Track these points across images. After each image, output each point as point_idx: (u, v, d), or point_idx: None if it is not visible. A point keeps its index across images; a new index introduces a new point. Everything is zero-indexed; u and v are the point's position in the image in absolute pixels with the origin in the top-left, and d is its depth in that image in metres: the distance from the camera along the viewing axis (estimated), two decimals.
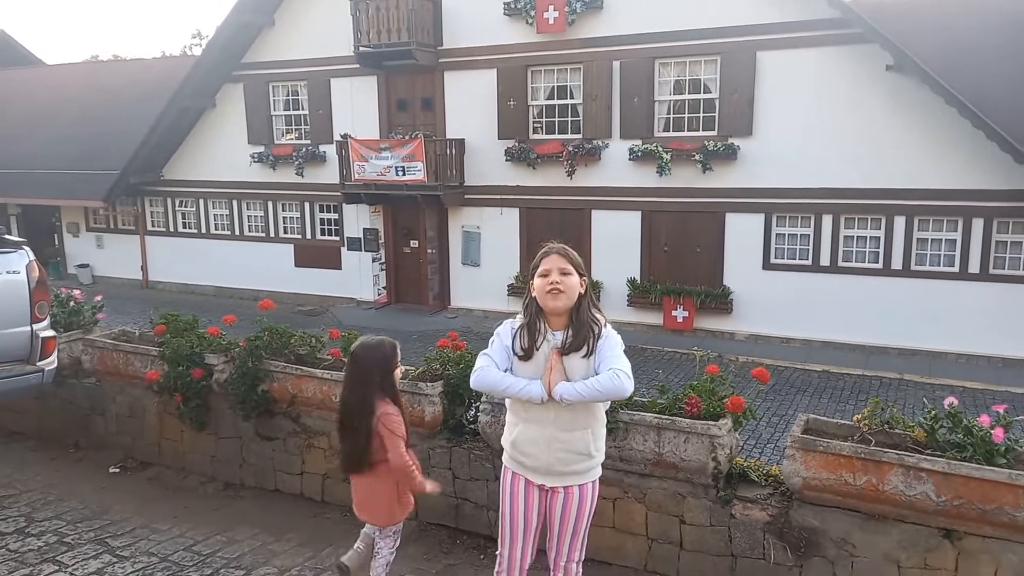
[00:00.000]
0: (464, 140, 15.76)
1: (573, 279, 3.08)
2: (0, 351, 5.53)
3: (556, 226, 15.00)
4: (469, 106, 15.58)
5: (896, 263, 12.93)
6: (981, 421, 3.73)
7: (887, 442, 3.92)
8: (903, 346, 12.94)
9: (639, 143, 14.16)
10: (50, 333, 5.88)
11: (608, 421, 4.23)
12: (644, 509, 4.40)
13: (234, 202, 18.66)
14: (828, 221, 13.27)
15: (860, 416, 4.06)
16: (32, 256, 5.80)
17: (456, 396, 5.01)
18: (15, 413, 7.01)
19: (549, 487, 3.22)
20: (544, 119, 15.30)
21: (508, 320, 3.23)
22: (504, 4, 14.78)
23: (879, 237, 13.03)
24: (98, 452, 6.46)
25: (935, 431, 3.86)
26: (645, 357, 12.84)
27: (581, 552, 3.33)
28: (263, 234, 18.46)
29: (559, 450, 3.14)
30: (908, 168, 12.55)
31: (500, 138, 15.37)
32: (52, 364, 5.88)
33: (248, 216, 18.65)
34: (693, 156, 13.69)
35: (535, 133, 15.30)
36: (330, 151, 16.79)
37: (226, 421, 5.80)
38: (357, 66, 16.00)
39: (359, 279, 17.29)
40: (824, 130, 12.95)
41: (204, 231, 19.22)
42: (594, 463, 3.24)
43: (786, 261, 13.71)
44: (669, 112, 14.24)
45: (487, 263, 15.98)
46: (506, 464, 3.32)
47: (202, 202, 19.09)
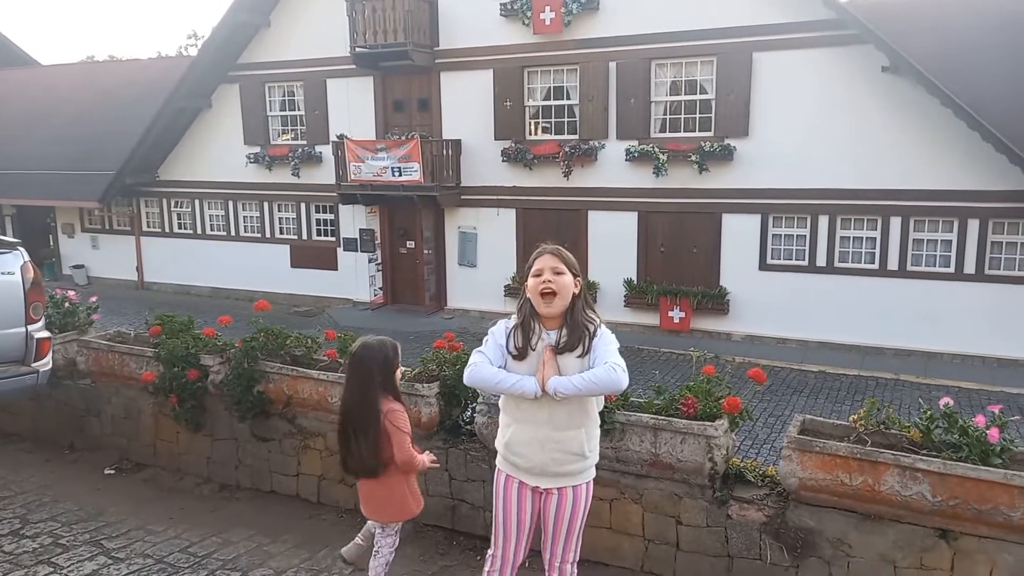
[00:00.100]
0: (460, 141, 15.76)
1: (566, 279, 3.08)
2: None
3: (552, 227, 15.00)
4: (465, 107, 15.58)
5: (892, 264, 12.96)
6: (977, 421, 3.74)
7: (883, 442, 3.93)
8: (899, 346, 12.97)
9: (635, 144, 14.17)
10: (45, 334, 5.87)
11: (605, 422, 4.25)
12: (641, 510, 4.40)
13: (230, 203, 18.63)
14: (824, 222, 13.30)
15: (856, 416, 4.06)
16: (27, 257, 5.78)
17: (453, 397, 5.00)
18: (10, 414, 6.99)
19: (543, 489, 3.21)
20: (540, 120, 15.31)
21: (503, 320, 3.23)
22: (500, 5, 14.78)
23: (875, 238, 13.06)
24: (93, 453, 6.44)
25: (931, 431, 3.86)
26: (642, 358, 12.85)
27: (575, 553, 3.33)
28: (259, 235, 18.44)
29: (553, 450, 3.13)
30: (904, 169, 12.58)
31: (496, 139, 15.37)
32: (47, 365, 5.86)
33: (244, 217, 18.62)
34: (689, 157, 13.71)
35: (531, 134, 15.31)
36: (326, 152, 16.78)
37: (222, 422, 5.79)
38: (353, 67, 15.98)
39: (355, 280, 17.27)
40: (820, 131, 12.97)
41: (200, 232, 19.18)
42: (588, 464, 3.23)
43: (782, 262, 13.73)
44: (665, 113, 14.26)
45: (483, 264, 15.98)
46: (499, 466, 3.31)
47: (198, 203, 19.05)
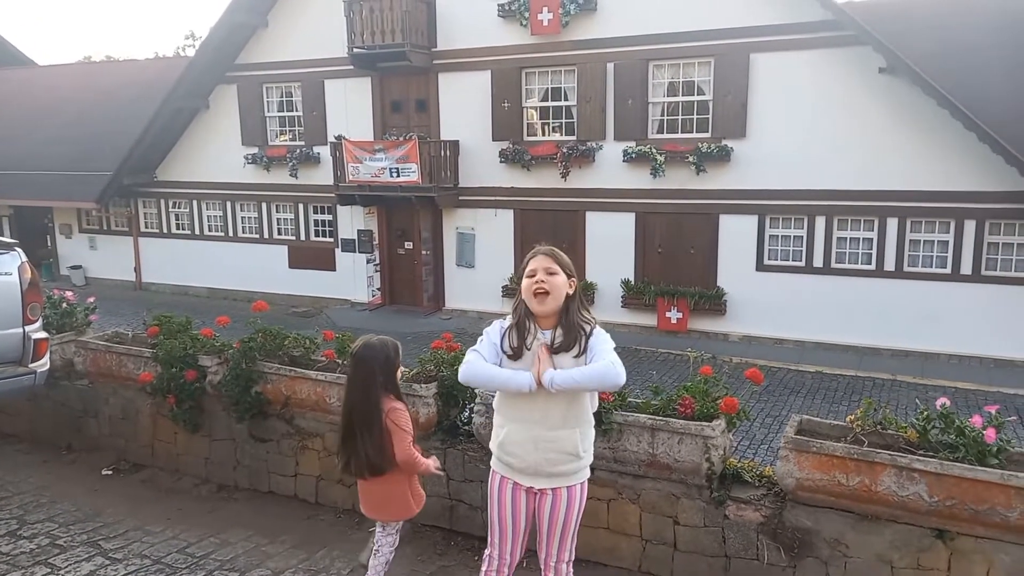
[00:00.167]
0: (458, 142, 15.76)
1: (559, 279, 3.08)
2: None
3: (550, 227, 15.01)
4: (463, 108, 15.58)
5: (889, 264, 12.98)
6: (973, 422, 3.74)
7: (880, 443, 3.93)
8: (896, 347, 12.99)
9: (633, 145, 14.19)
10: (42, 335, 5.86)
11: (602, 422, 4.27)
12: (638, 510, 4.40)
13: (228, 203, 18.62)
14: (821, 222, 13.32)
15: (853, 417, 4.07)
16: (24, 258, 5.78)
17: (450, 397, 5.01)
18: (7, 415, 6.98)
19: (537, 489, 3.22)
20: (538, 121, 15.32)
21: (498, 320, 3.23)
22: (498, 6, 14.79)
23: (872, 239, 13.08)
24: (91, 454, 6.43)
25: (927, 432, 3.87)
26: (639, 358, 12.86)
27: (571, 553, 3.34)
28: (257, 235, 18.43)
29: (547, 450, 3.13)
30: (901, 170, 12.60)
31: (494, 140, 15.38)
32: (44, 366, 5.86)
33: (242, 217, 18.61)
34: (687, 158, 13.72)
35: (529, 135, 15.32)
36: (324, 152, 16.77)
37: (220, 423, 5.78)
38: (351, 67, 15.99)
39: (353, 280, 17.27)
40: (817, 132, 12.99)
41: (198, 232, 19.17)
42: (582, 464, 3.23)
43: (779, 262, 13.75)
44: (663, 114, 14.28)
45: (481, 264, 15.99)
46: (494, 468, 3.32)
47: (196, 203, 19.04)
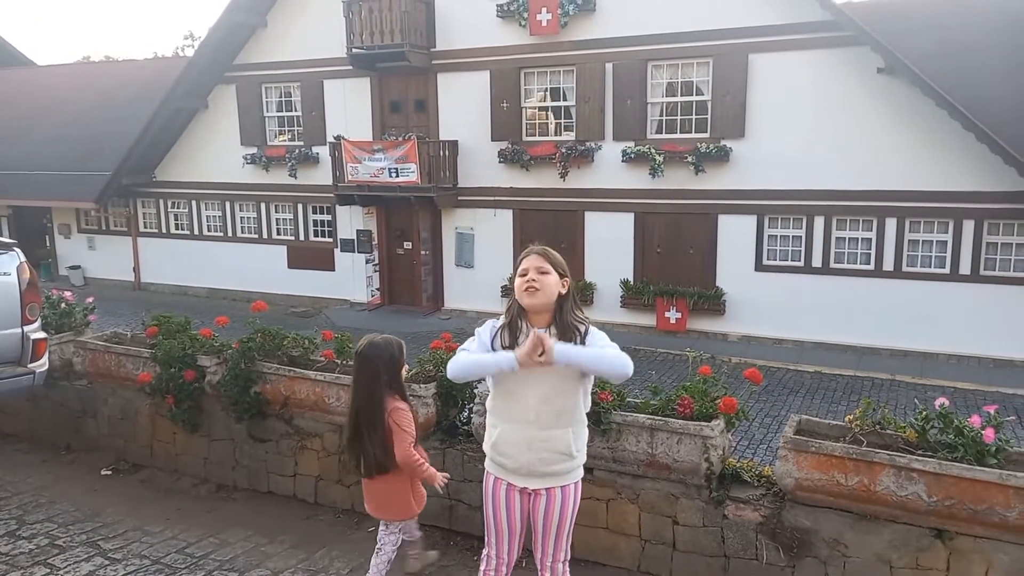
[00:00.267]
0: (457, 142, 15.77)
1: (551, 278, 3.07)
2: None
3: (549, 228, 15.02)
4: (462, 108, 15.59)
5: (888, 264, 12.99)
6: (972, 422, 3.74)
7: (879, 443, 3.94)
8: (895, 347, 13.00)
9: (632, 145, 14.19)
10: (41, 335, 5.86)
11: (601, 422, 4.28)
12: (637, 510, 4.41)
13: (227, 203, 18.61)
14: (820, 223, 13.33)
15: (852, 417, 4.07)
16: (23, 258, 5.78)
17: (449, 397, 5.01)
18: (6, 415, 6.97)
19: (531, 490, 3.22)
20: (537, 121, 15.32)
21: (490, 320, 3.23)
22: (497, 6, 14.79)
23: (871, 239, 13.09)
24: (90, 454, 6.42)
25: (926, 432, 3.87)
26: (638, 358, 12.74)
27: (567, 552, 3.35)
28: (256, 235, 18.42)
29: (540, 450, 3.13)
30: (900, 170, 12.61)
31: (493, 140, 15.38)
32: (43, 366, 5.86)
33: (241, 217, 18.60)
34: (686, 158, 13.73)
35: (528, 135, 15.32)
36: (323, 152, 16.77)
37: (219, 423, 5.78)
38: (350, 67, 15.99)
39: (352, 280, 17.27)
40: (816, 132, 13.00)
41: (197, 232, 19.17)
42: (575, 464, 3.23)
43: (778, 262, 13.76)
44: (662, 114, 14.28)
45: (481, 264, 15.99)
46: (488, 469, 3.32)
47: (195, 203, 19.04)
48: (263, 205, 18.16)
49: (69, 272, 20.63)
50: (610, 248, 14.75)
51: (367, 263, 17.10)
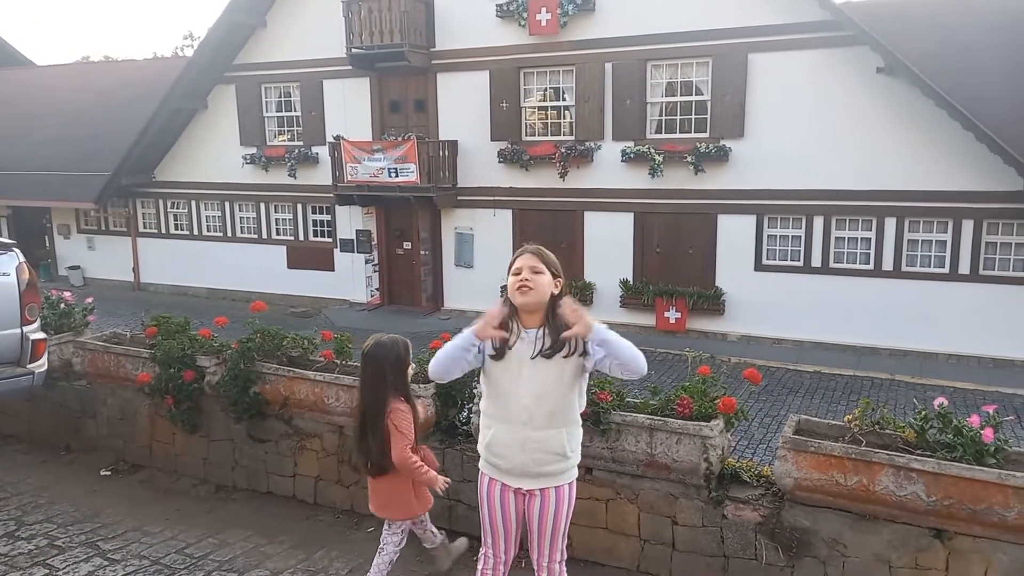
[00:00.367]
0: (457, 142, 15.77)
1: (544, 277, 3.07)
2: None
3: (549, 228, 15.02)
4: (462, 108, 15.59)
5: (887, 264, 13.00)
6: (971, 421, 3.74)
7: (878, 443, 3.94)
8: (894, 347, 13.01)
9: (631, 145, 14.20)
10: (40, 335, 5.86)
11: (601, 422, 4.28)
12: (636, 510, 4.41)
13: (226, 203, 18.61)
14: (819, 222, 13.33)
15: (851, 417, 4.07)
16: (22, 258, 5.78)
17: (449, 398, 5.01)
18: (5, 416, 6.97)
19: (526, 490, 3.22)
20: (537, 121, 15.32)
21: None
22: (497, 6, 14.80)
23: (870, 238, 13.10)
24: (89, 455, 6.42)
25: (925, 431, 3.87)
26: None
27: (562, 553, 3.35)
28: (255, 236, 18.42)
29: (534, 450, 3.13)
30: (899, 169, 12.61)
31: (493, 140, 15.38)
32: (42, 367, 5.85)
33: (240, 218, 18.60)
34: (685, 158, 13.73)
35: (528, 135, 15.32)
36: (323, 152, 16.77)
37: (218, 423, 5.78)
38: (350, 67, 15.99)
39: (352, 281, 17.27)
40: (815, 132, 13.01)
41: (196, 233, 19.17)
42: (569, 464, 3.23)
43: (778, 262, 13.77)
44: (661, 114, 14.29)
45: (480, 264, 15.99)
46: (482, 469, 3.32)
47: (194, 203, 19.04)
48: (262, 205, 18.16)
49: (68, 272, 20.63)
50: (610, 248, 14.75)
51: (366, 263, 17.10)
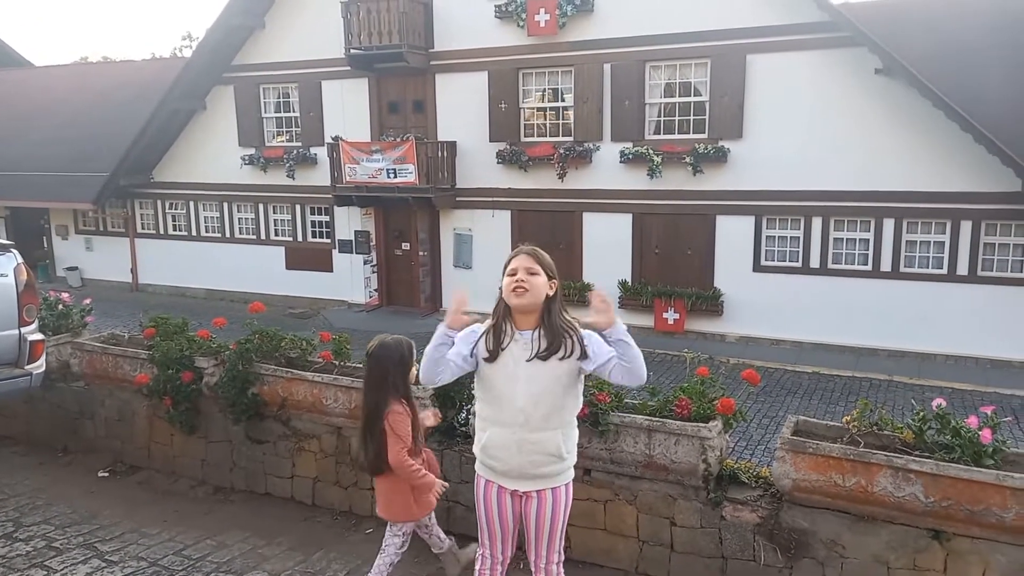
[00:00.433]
0: (455, 142, 15.77)
1: (540, 279, 3.06)
2: None
3: (548, 228, 15.02)
4: (460, 108, 15.59)
5: (885, 265, 13.01)
6: (969, 422, 3.74)
7: (876, 444, 3.94)
8: (892, 348, 13.01)
9: (630, 146, 14.20)
10: (38, 336, 5.85)
11: (599, 423, 4.28)
12: (635, 511, 4.41)
13: (225, 204, 18.60)
14: (818, 223, 13.34)
15: (849, 418, 4.07)
16: (20, 259, 5.77)
17: (447, 399, 5.00)
18: (3, 417, 6.96)
19: (522, 492, 3.22)
20: (535, 121, 15.32)
21: (475, 324, 3.21)
22: (495, 7, 14.80)
23: (868, 239, 13.10)
24: (87, 456, 6.41)
25: (923, 432, 3.87)
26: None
27: (560, 554, 3.36)
28: (254, 236, 18.41)
29: (530, 452, 3.13)
30: (897, 170, 12.62)
31: (491, 140, 15.38)
32: (40, 368, 5.84)
33: (239, 218, 18.59)
34: (684, 159, 13.74)
35: (526, 136, 15.32)
36: (321, 153, 16.77)
37: (216, 424, 5.78)
38: (348, 68, 15.98)
39: (350, 281, 17.26)
40: (814, 133, 13.01)
41: (194, 233, 19.15)
42: (565, 465, 3.23)
43: (776, 263, 13.77)
44: (660, 115, 14.29)
45: (479, 265, 15.98)
46: (479, 471, 3.32)
47: (192, 204, 19.02)
48: (261, 206, 18.15)
49: (66, 273, 20.60)
50: (608, 249, 14.76)
51: (365, 264, 17.10)
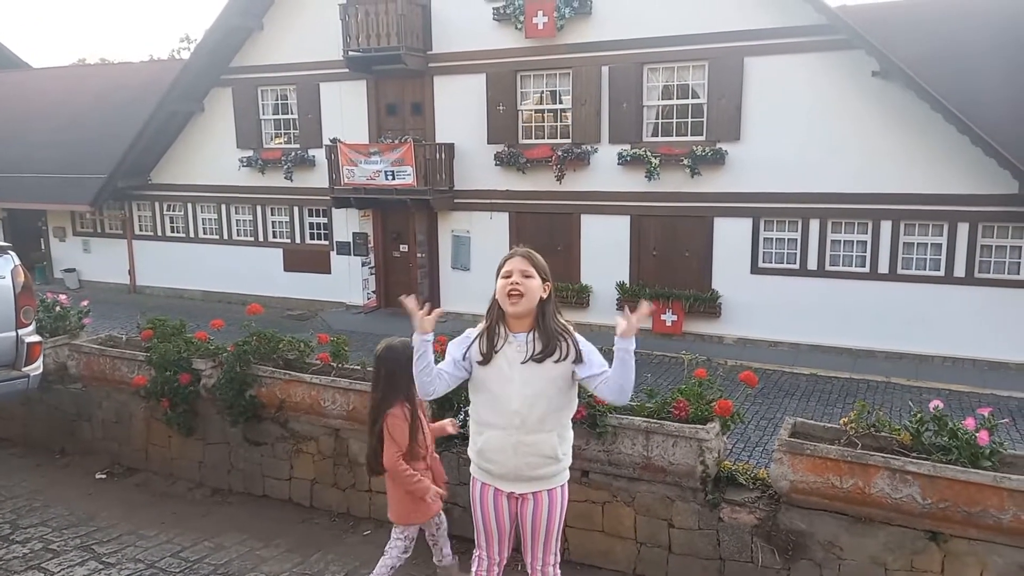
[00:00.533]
0: (454, 145, 15.77)
1: (534, 282, 3.06)
2: None
3: (546, 230, 15.03)
4: (459, 111, 15.59)
5: (883, 267, 13.02)
6: (966, 424, 3.75)
7: (873, 445, 3.94)
8: (890, 349, 13.03)
9: (628, 148, 14.22)
10: (36, 338, 5.84)
11: (597, 425, 4.29)
12: (633, 513, 4.41)
13: (223, 206, 18.59)
14: (815, 225, 13.35)
15: (847, 419, 4.08)
16: (17, 261, 5.76)
17: (445, 401, 4.99)
18: (0, 419, 6.95)
19: (518, 494, 3.22)
20: (533, 124, 15.33)
21: (469, 328, 3.22)
22: (493, 9, 14.81)
23: (866, 241, 13.12)
24: (84, 458, 6.41)
25: (921, 434, 3.88)
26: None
27: (556, 556, 3.36)
28: (252, 238, 18.40)
29: (526, 454, 3.13)
30: (895, 173, 12.64)
31: (490, 142, 15.39)
32: (38, 370, 5.84)
33: (237, 220, 18.58)
34: (681, 161, 13.75)
35: (524, 138, 15.33)
36: (319, 155, 16.77)
37: (214, 426, 5.77)
38: (346, 70, 15.98)
39: (348, 283, 17.25)
40: (811, 135, 13.03)
41: (192, 235, 19.14)
42: (561, 467, 3.23)
43: (774, 265, 13.78)
44: (658, 117, 14.31)
45: (477, 267, 15.98)
46: (474, 474, 3.32)
47: (190, 206, 19.01)
48: (259, 208, 18.14)
49: (64, 275, 20.57)
50: (606, 251, 14.76)
51: (363, 266, 17.10)
